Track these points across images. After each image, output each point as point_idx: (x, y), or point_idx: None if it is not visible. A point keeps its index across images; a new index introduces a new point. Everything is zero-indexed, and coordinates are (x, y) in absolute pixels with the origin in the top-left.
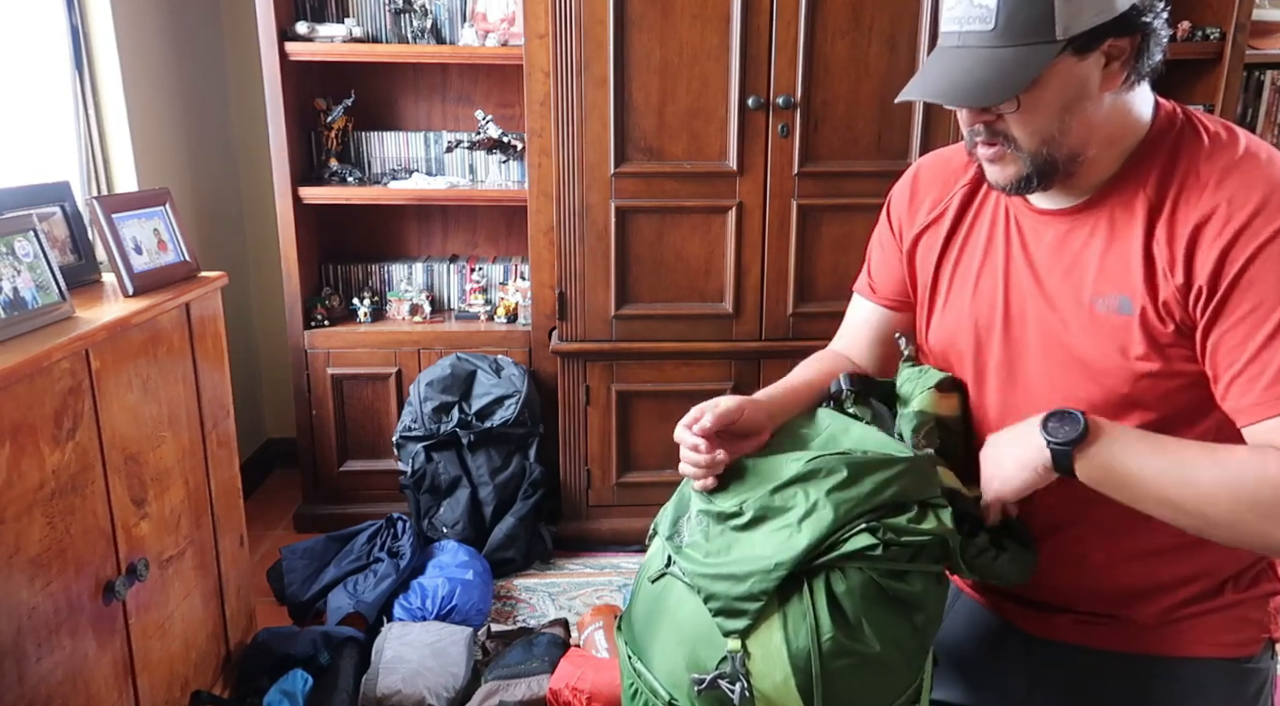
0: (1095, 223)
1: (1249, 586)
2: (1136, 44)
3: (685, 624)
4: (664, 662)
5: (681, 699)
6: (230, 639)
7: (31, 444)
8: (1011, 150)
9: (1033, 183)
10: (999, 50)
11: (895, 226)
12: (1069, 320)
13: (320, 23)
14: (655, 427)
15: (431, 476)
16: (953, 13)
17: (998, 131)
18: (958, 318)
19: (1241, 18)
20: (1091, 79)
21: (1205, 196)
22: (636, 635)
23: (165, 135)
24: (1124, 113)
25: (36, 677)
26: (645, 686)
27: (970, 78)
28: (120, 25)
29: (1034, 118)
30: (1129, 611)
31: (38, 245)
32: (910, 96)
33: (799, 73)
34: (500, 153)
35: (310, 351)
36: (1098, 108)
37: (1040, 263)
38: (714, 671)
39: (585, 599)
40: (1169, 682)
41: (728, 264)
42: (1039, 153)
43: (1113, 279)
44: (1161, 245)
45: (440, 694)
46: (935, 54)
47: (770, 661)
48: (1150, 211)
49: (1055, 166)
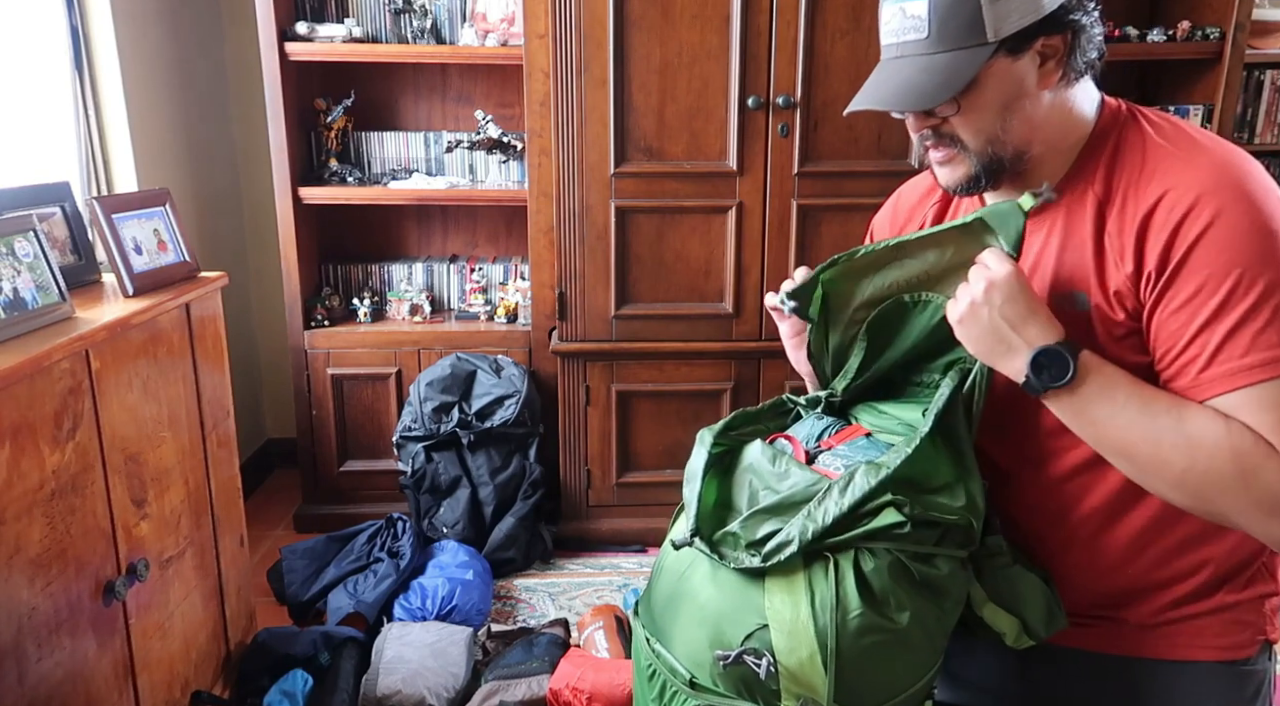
0: (1052, 222)
1: (1243, 588)
2: (1069, 41)
3: (709, 604)
4: (685, 642)
5: (703, 677)
6: (230, 639)
7: (31, 444)
8: (960, 151)
9: (981, 182)
10: (935, 57)
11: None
12: None
13: (320, 23)
14: (655, 427)
15: (431, 476)
16: (889, 26)
17: (944, 134)
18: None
19: (1241, 18)
20: (1028, 78)
21: (1153, 185)
22: (656, 617)
23: (165, 135)
24: (1065, 110)
25: (36, 677)
26: (664, 666)
27: (910, 84)
28: (120, 25)
29: (976, 118)
30: (1122, 613)
31: (38, 245)
32: (857, 107)
33: (799, 73)
34: (500, 153)
35: (310, 351)
36: (1037, 105)
37: None
38: (739, 647)
39: (585, 599)
40: (1165, 685)
41: (728, 264)
42: (984, 152)
43: (1069, 276)
44: (1113, 237)
45: (440, 694)
46: (878, 67)
47: (796, 637)
48: (1100, 206)
49: (1002, 165)
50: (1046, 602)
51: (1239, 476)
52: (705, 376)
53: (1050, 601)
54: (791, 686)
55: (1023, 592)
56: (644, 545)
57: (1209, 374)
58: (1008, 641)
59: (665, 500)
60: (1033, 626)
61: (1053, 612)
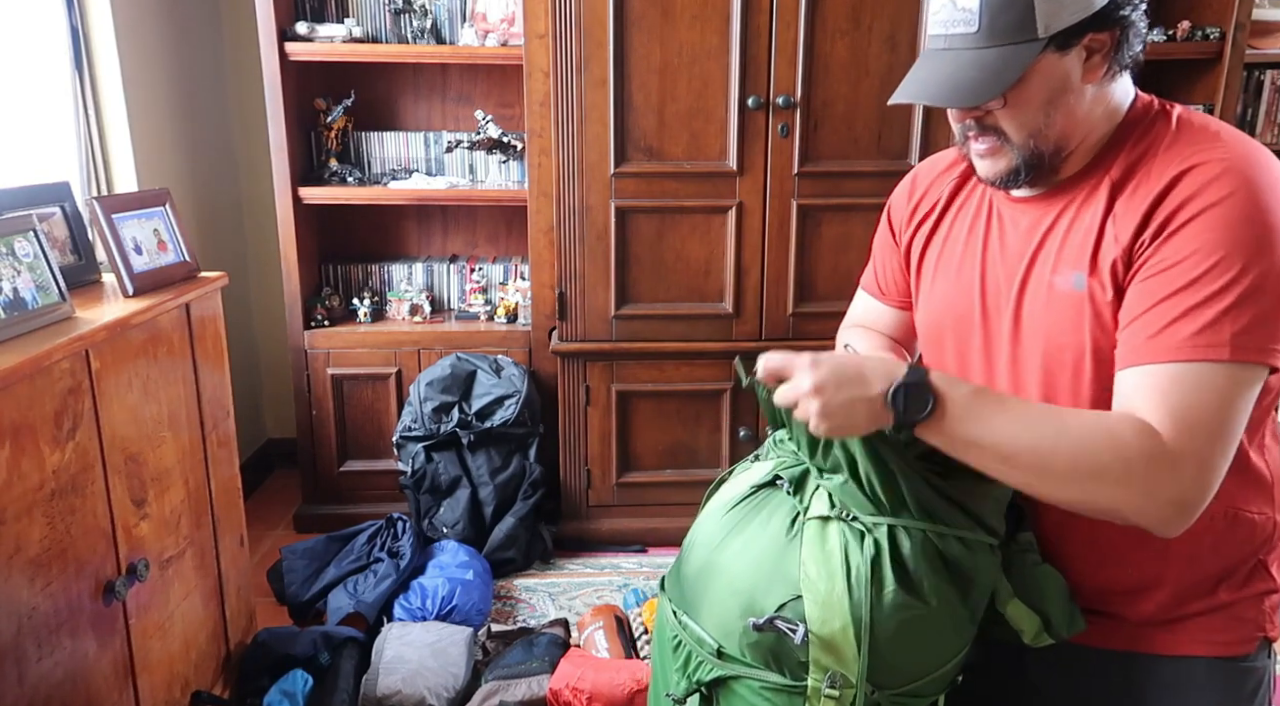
0: (1064, 205)
1: (1243, 585)
2: (1116, 37)
3: (743, 575)
4: (715, 612)
5: (730, 647)
6: (230, 639)
7: (31, 444)
8: (1003, 144)
9: (1020, 176)
10: (984, 51)
11: (895, 229)
12: (1033, 301)
13: (320, 23)
14: (655, 427)
15: (431, 476)
16: (938, 17)
17: (987, 127)
18: (941, 306)
19: (1241, 17)
20: (1074, 73)
21: (1169, 168)
22: (685, 590)
23: (165, 135)
24: (1104, 104)
25: (36, 677)
26: (690, 637)
27: (958, 79)
28: (120, 25)
29: (1021, 113)
30: (1122, 608)
31: (38, 245)
32: (902, 99)
33: (799, 73)
34: (500, 153)
35: (310, 351)
36: (1080, 100)
37: (1012, 248)
38: (773, 613)
39: (585, 599)
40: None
41: (728, 264)
42: (1027, 145)
43: (1072, 257)
44: (1118, 217)
45: (440, 694)
46: (923, 57)
47: (830, 609)
48: (1113, 190)
49: (1043, 159)
50: (1070, 603)
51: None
52: (705, 376)
53: (1073, 603)
54: (822, 658)
55: (1049, 592)
56: (644, 545)
57: (1153, 341)
58: (1026, 639)
59: (665, 500)
60: (1055, 626)
61: (1074, 614)
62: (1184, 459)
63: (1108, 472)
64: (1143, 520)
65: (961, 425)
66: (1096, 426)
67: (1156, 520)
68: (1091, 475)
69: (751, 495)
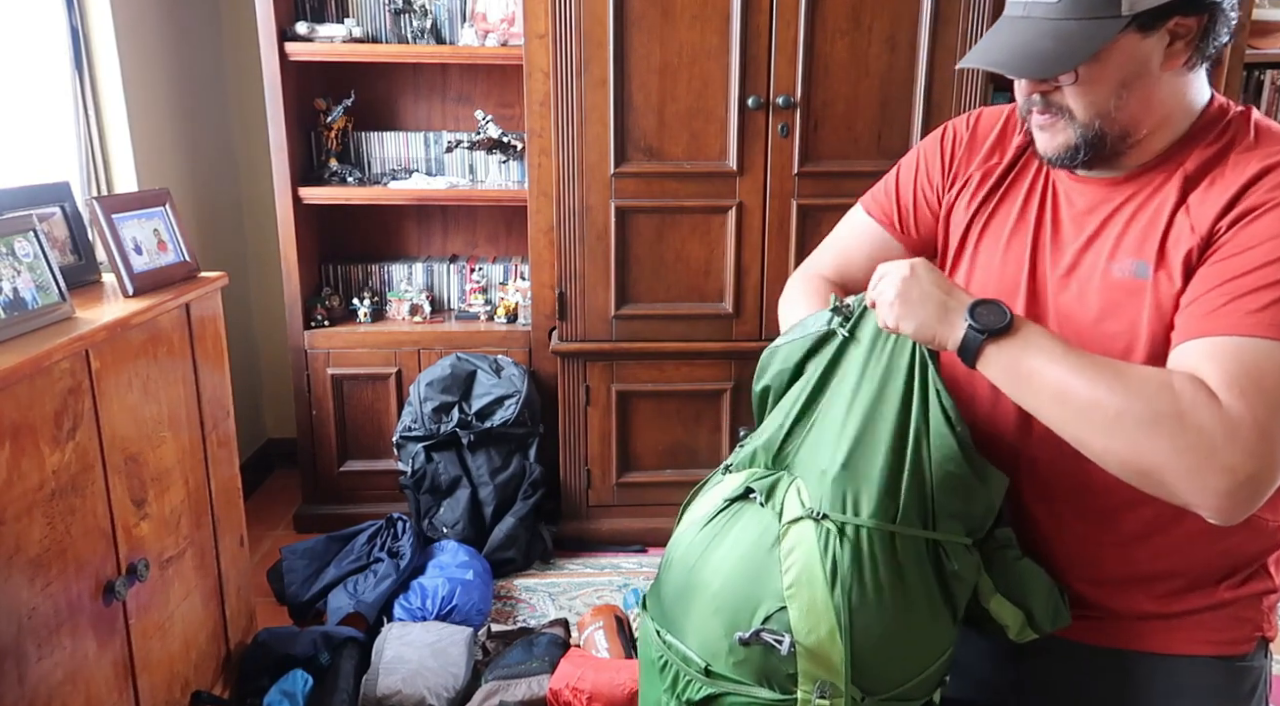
0: (1131, 193)
1: (1242, 584)
2: (1203, 23)
3: (724, 591)
4: (699, 631)
5: (718, 665)
6: (230, 639)
7: (31, 444)
8: (1065, 120)
9: (1079, 155)
10: (1063, 23)
11: (947, 155)
12: (1085, 284)
13: (320, 23)
14: (655, 427)
15: (431, 476)
16: None
17: (1053, 102)
18: (984, 278)
19: (1241, 17)
20: (1154, 57)
21: (1250, 167)
22: (666, 609)
23: (165, 135)
24: (1180, 95)
25: (36, 677)
26: (676, 656)
27: (1032, 48)
28: (120, 25)
29: (1091, 91)
30: (1119, 605)
31: (38, 245)
32: (971, 63)
33: (799, 73)
34: (500, 153)
35: (310, 351)
36: (1155, 86)
37: (1067, 228)
38: (758, 626)
39: (585, 599)
40: (1161, 679)
41: (728, 264)
42: (1091, 125)
43: (1134, 244)
44: (1193, 208)
45: (440, 694)
46: (999, 23)
47: (816, 616)
48: (1186, 183)
49: (1104, 142)
50: (1053, 597)
51: (1175, 417)
52: (705, 376)
53: (1057, 597)
54: (810, 668)
55: (1031, 586)
56: (644, 545)
57: (1214, 315)
58: (1011, 634)
59: (665, 500)
60: (1038, 620)
61: (1059, 608)
62: (1243, 424)
63: (1161, 423)
64: (1194, 489)
65: (1026, 352)
66: (1156, 375)
67: (1208, 492)
68: (1144, 423)
69: (725, 509)
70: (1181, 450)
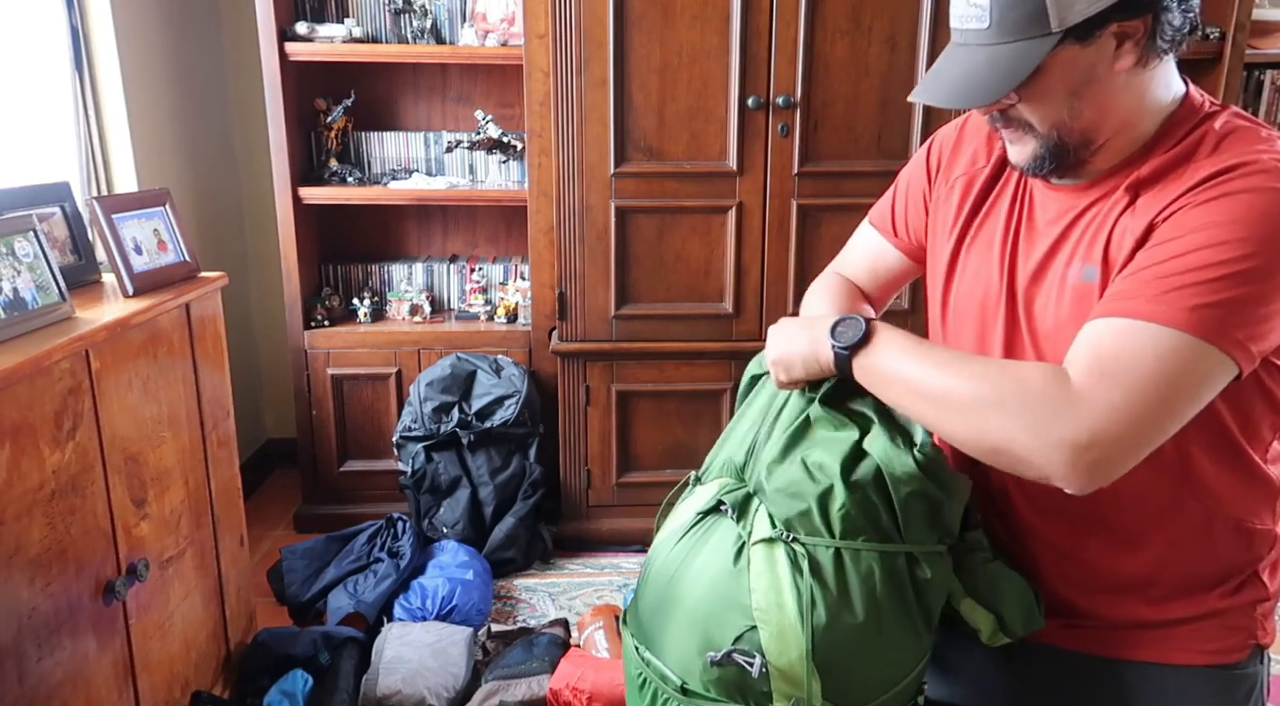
0: (1093, 200)
1: (1234, 593)
2: (1149, 23)
3: (698, 608)
4: (676, 649)
5: (693, 683)
6: (230, 639)
7: (31, 444)
8: (1027, 133)
9: (1045, 164)
10: (996, 47)
11: (934, 165)
12: (1050, 291)
13: (320, 23)
14: (655, 427)
15: (431, 476)
16: (955, 11)
17: (1012, 118)
18: (972, 286)
19: (1241, 17)
20: (1100, 63)
21: (1201, 169)
22: (644, 626)
23: (165, 135)
24: (1141, 95)
25: (36, 677)
26: (655, 674)
27: (971, 77)
28: (120, 25)
29: (1041, 106)
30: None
31: (38, 245)
32: (917, 99)
33: (799, 73)
34: (500, 153)
35: (310, 351)
36: (1111, 90)
37: (1039, 235)
38: (729, 646)
39: (585, 599)
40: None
41: (728, 264)
42: (1050, 136)
43: (1085, 249)
44: (1138, 210)
45: (440, 694)
46: (945, 51)
47: (785, 639)
48: (1138, 186)
49: (1068, 150)
50: (1026, 601)
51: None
52: (705, 376)
53: (1030, 601)
54: (782, 686)
55: (1003, 590)
56: (644, 545)
57: (1111, 301)
58: (983, 638)
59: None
60: (1010, 624)
61: (1031, 612)
62: (1084, 401)
63: (1003, 404)
64: (1034, 462)
65: (883, 356)
66: (1009, 366)
67: (1047, 463)
68: (988, 405)
69: (699, 523)
70: (1019, 426)
